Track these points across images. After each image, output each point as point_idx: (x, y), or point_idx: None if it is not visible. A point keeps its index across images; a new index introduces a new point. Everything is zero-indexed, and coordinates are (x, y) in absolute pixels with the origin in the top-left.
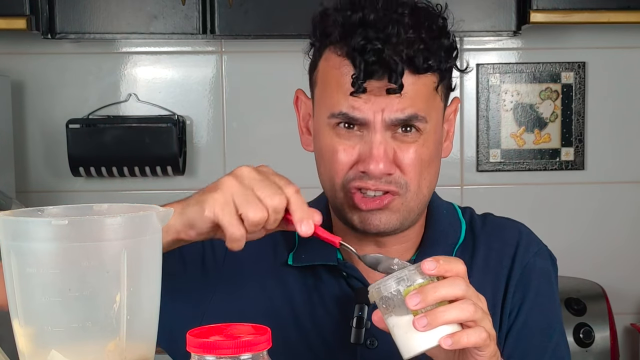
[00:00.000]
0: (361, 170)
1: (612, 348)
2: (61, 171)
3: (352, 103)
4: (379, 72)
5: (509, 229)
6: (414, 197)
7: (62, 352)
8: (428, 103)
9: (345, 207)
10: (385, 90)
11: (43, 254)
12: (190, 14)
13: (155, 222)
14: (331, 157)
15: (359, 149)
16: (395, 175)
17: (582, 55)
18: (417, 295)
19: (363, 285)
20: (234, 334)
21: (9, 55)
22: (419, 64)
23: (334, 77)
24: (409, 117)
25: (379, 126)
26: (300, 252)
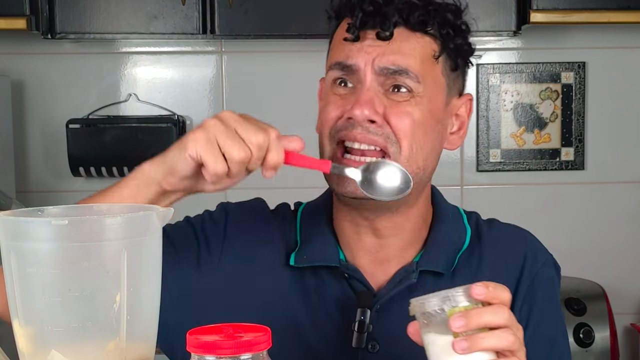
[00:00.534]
0: (347, 117)
1: (612, 348)
2: (61, 171)
3: (346, 52)
4: (374, 22)
5: (516, 237)
6: (407, 162)
7: (62, 352)
8: (423, 66)
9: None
10: (376, 35)
11: (43, 254)
12: (190, 14)
13: (155, 222)
14: (323, 112)
15: (349, 100)
16: (385, 129)
17: (582, 55)
18: (462, 318)
19: (365, 287)
20: (234, 334)
21: (9, 55)
22: (414, 19)
23: (338, 36)
24: (399, 69)
25: (369, 74)
26: (302, 252)
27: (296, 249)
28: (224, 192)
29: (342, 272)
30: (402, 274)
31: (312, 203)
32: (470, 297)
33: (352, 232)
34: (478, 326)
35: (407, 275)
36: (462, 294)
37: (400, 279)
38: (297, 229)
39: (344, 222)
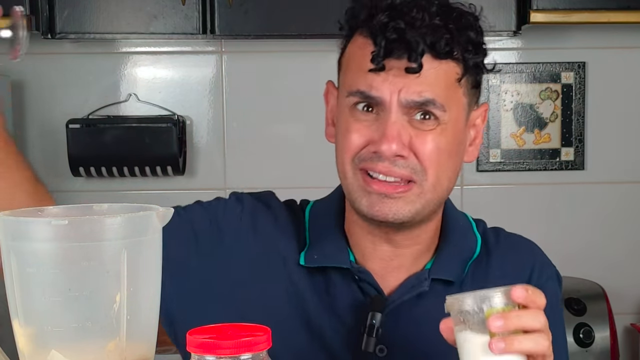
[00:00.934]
0: (373, 150)
1: (612, 348)
2: (61, 171)
3: (369, 82)
4: (399, 51)
5: (523, 248)
6: (432, 188)
7: (62, 352)
8: (448, 92)
9: (355, 189)
10: (404, 69)
11: (43, 254)
12: (190, 14)
13: (155, 222)
14: (344, 137)
15: (373, 129)
16: (411, 161)
17: (582, 55)
18: (501, 319)
19: (376, 290)
20: (234, 334)
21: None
22: (440, 48)
23: (357, 57)
24: (426, 101)
25: (395, 106)
26: (312, 252)
27: (305, 248)
28: (224, 192)
29: (353, 274)
30: (413, 281)
31: (320, 202)
32: (508, 298)
33: (367, 242)
34: (516, 328)
35: (419, 283)
36: (501, 295)
37: (412, 285)
38: (306, 228)
39: (358, 230)
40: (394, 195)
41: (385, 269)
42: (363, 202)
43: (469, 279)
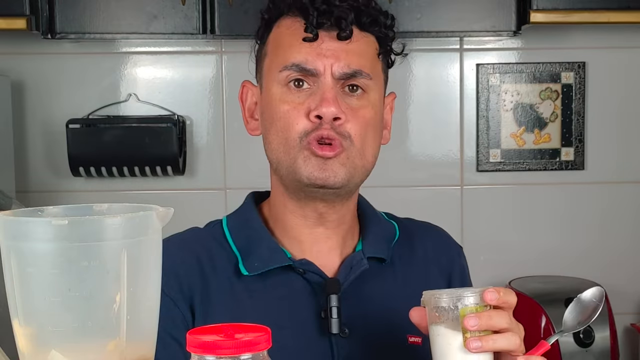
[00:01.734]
0: (315, 115)
1: (612, 348)
2: (61, 171)
3: (304, 55)
4: (330, 22)
5: (439, 234)
6: (358, 154)
7: (62, 352)
8: (372, 64)
9: (300, 161)
10: (336, 36)
11: (43, 254)
12: (190, 14)
13: (155, 222)
14: (285, 115)
15: (309, 102)
16: (343, 126)
17: (582, 55)
18: (475, 318)
19: (321, 277)
20: (233, 334)
21: (9, 55)
22: (365, 20)
23: (284, 36)
24: (356, 71)
25: (329, 76)
26: (249, 260)
27: (239, 260)
28: (224, 192)
29: (295, 269)
30: (351, 262)
31: (234, 215)
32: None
33: (301, 226)
34: (487, 328)
35: (358, 262)
36: (475, 296)
37: (351, 266)
38: (231, 243)
39: (291, 218)
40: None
41: (319, 253)
42: (306, 169)
43: (396, 259)
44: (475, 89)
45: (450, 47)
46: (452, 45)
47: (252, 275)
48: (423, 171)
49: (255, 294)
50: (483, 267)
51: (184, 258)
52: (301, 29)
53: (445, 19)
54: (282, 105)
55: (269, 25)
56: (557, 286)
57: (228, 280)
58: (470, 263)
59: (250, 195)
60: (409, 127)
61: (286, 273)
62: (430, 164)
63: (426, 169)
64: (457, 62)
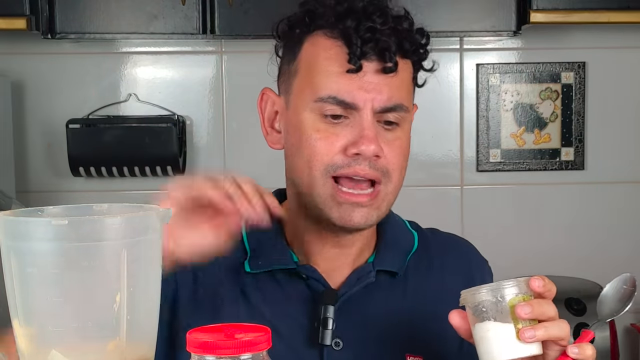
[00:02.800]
0: (353, 152)
1: (612, 348)
2: (61, 171)
3: (345, 88)
4: (372, 52)
5: (461, 247)
6: (394, 190)
7: (62, 352)
8: (409, 94)
9: (325, 199)
10: (382, 69)
11: (43, 254)
12: (190, 14)
13: (155, 222)
14: (314, 146)
15: (346, 135)
16: (380, 162)
17: (582, 55)
18: (528, 306)
19: (323, 286)
20: (233, 334)
21: (9, 55)
22: (408, 47)
23: (323, 61)
24: (397, 105)
25: (369, 110)
26: (255, 259)
27: (248, 257)
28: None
29: (299, 273)
30: (358, 274)
31: None
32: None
33: (314, 245)
34: (538, 316)
35: (365, 275)
36: (518, 286)
37: (357, 278)
38: (244, 239)
39: (307, 234)
40: (363, 203)
41: (330, 266)
42: (334, 212)
43: (411, 272)
44: (475, 89)
45: (450, 47)
46: (452, 45)
47: (255, 273)
48: (423, 171)
49: (258, 291)
50: None
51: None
52: (341, 56)
53: (445, 19)
54: (313, 133)
55: (301, 38)
56: (557, 286)
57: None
58: None
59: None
60: None
61: (290, 277)
62: (430, 164)
63: (426, 169)
64: (457, 62)
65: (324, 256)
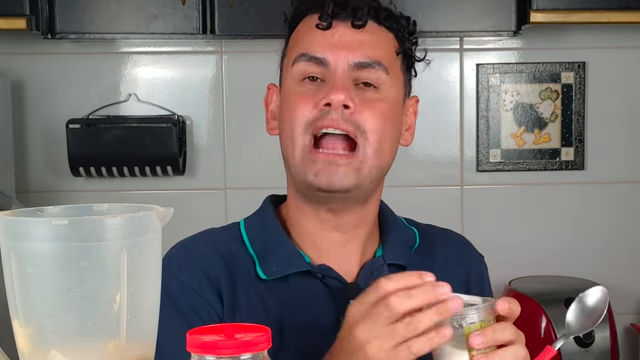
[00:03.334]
0: (324, 103)
1: (612, 348)
2: (61, 171)
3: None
4: (345, 12)
5: (460, 242)
6: (374, 154)
7: (62, 352)
8: (390, 60)
9: (303, 160)
10: (350, 24)
11: (43, 254)
12: (190, 14)
13: (155, 222)
14: (294, 108)
15: (320, 93)
16: (357, 117)
17: (582, 55)
18: (481, 336)
19: (340, 282)
20: (233, 334)
21: (9, 55)
22: (382, 15)
23: (301, 32)
24: (372, 62)
25: (341, 68)
26: (267, 264)
27: (257, 263)
28: (224, 192)
29: (314, 273)
30: (371, 267)
31: (253, 218)
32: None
33: (317, 230)
34: (493, 343)
35: (378, 268)
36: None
37: (370, 271)
38: (248, 245)
39: (308, 222)
40: (339, 161)
41: (338, 258)
42: (310, 172)
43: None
44: (475, 89)
45: (450, 47)
46: (452, 45)
47: (271, 279)
48: (423, 171)
49: (275, 298)
50: None
51: (211, 257)
52: (316, 20)
53: (445, 19)
54: (293, 97)
55: (292, 27)
56: (557, 286)
57: (249, 283)
58: None
59: (268, 199)
60: None
61: (305, 278)
62: (430, 164)
63: (426, 169)
64: (457, 62)
65: (331, 243)
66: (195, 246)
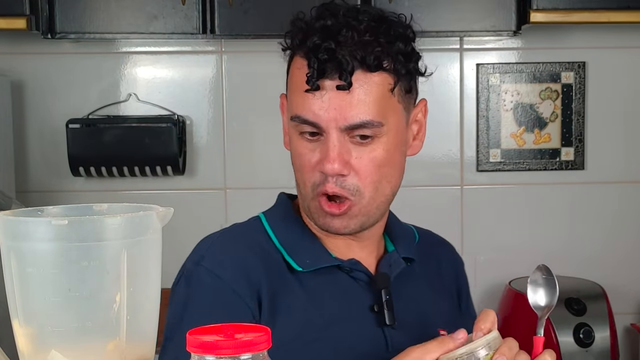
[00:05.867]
0: (319, 171)
1: (612, 348)
2: (61, 171)
3: (307, 106)
4: (331, 71)
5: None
6: (371, 201)
7: (62, 352)
8: (382, 105)
9: (313, 209)
10: (335, 87)
11: (43, 254)
12: (190, 14)
13: (155, 222)
14: (299, 162)
15: (318, 154)
16: (348, 180)
17: (582, 55)
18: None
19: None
20: (233, 334)
21: (9, 55)
22: (370, 62)
23: (295, 78)
24: (363, 123)
25: (334, 129)
26: (299, 256)
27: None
28: (224, 192)
29: (343, 267)
30: (389, 260)
31: (273, 213)
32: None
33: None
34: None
35: (396, 261)
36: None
37: (389, 265)
38: (274, 239)
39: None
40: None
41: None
42: (320, 220)
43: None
44: (475, 89)
45: (450, 47)
46: (452, 45)
47: (304, 272)
48: (423, 171)
49: (310, 290)
50: (483, 267)
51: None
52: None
53: (445, 19)
54: (298, 149)
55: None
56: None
57: (285, 275)
58: (470, 263)
59: (283, 195)
60: None
61: (333, 271)
62: (430, 164)
63: (426, 169)
64: (457, 62)
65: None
66: (228, 242)
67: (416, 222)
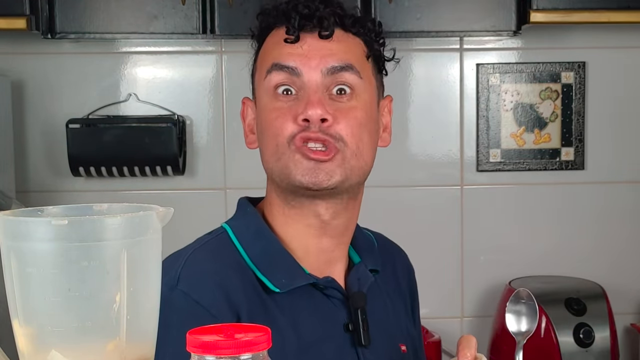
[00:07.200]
0: (302, 119)
1: (612, 348)
2: (61, 171)
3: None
4: (312, 23)
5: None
6: (354, 155)
7: (62, 352)
8: (361, 64)
9: (291, 165)
10: (318, 34)
11: (43, 254)
12: (190, 14)
13: (155, 222)
14: (274, 121)
15: (297, 108)
16: (332, 128)
17: (582, 55)
18: None
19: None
20: (233, 334)
21: (9, 55)
22: (348, 22)
23: (270, 45)
24: (345, 65)
25: (314, 78)
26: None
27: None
28: (224, 192)
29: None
30: (357, 274)
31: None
32: None
33: (307, 236)
34: None
35: (364, 275)
36: None
37: (357, 279)
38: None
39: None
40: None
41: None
42: (298, 172)
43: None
44: (475, 89)
45: (450, 47)
46: (452, 45)
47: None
48: (423, 171)
49: (286, 311)
50: (483, 267)
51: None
52: (283, 34)
53: (445, 19)
54: (271, 113)
55: (260, 41)
56: (557, 286)
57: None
58: (470, 263)
59: (244, 201)
60: (409, 127)
61: (307, 289)
62: (430, 164)
63: (426, 169)
64: (457, 62)
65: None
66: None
67: (416, 222)
